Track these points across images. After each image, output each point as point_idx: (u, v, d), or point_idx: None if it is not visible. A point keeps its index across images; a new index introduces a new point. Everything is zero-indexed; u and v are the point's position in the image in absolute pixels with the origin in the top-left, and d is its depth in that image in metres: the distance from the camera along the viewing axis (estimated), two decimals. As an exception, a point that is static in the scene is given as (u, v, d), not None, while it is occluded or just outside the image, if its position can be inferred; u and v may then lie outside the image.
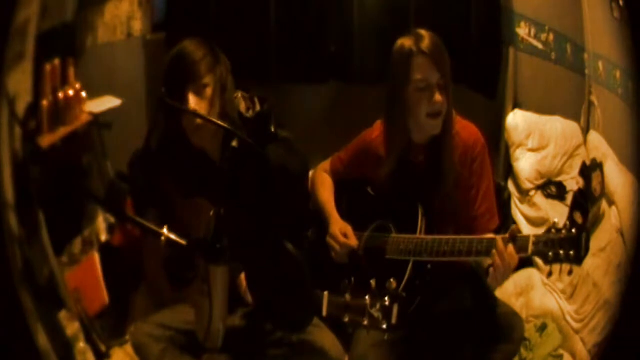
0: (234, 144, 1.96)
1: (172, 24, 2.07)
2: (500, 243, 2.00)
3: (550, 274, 2.00)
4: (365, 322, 1.95)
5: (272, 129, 2.00)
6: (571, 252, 1.97)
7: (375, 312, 1.94)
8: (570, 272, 1.98)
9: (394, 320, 1.94)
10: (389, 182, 2.09)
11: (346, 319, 1.97)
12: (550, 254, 1.98)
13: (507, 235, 2.01)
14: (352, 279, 2.02)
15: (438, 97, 2.01)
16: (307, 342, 2.03)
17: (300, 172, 2.08)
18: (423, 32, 2.01)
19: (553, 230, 1.98)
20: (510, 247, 1.99)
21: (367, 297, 1.95)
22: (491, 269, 2.02)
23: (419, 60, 2.01)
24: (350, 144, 2.11)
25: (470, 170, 2.10)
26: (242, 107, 1.99)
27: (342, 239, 2.10)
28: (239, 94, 2.00)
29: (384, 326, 1.94)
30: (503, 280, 2.06)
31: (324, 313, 1.98)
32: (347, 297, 1.98)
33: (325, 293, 1.98)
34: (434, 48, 2.00)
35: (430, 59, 2.00)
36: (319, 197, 2.14)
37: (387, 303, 1.94)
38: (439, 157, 2.07)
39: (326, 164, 2.15)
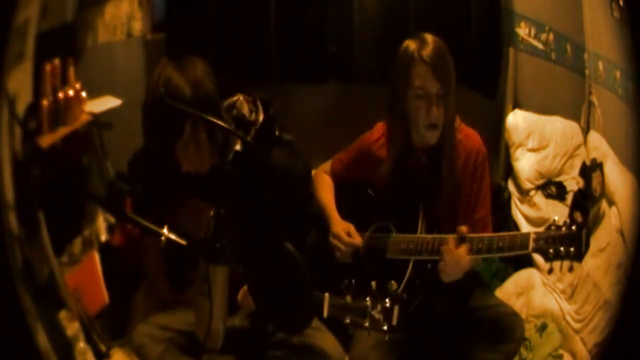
0: (237, 147, 1.96)
1: (172, 24, 2.07)
2: (450, 242, 2.01)
3: (550, 271, 2.00)
4: (366, 324, 1.95)
5: (277, 132, 2.00)
6: (572, 249, 1.97)
7: (376, 314, 1.95)
8: (570, 269, 1.98)
9: (394, 322, 1.94)
10: (390, 183, 2.09)
11: (347, 321, 1.97)
12: (551, 250, 1.98)
13: (456, 236, 2.02)
14: (353, 280, 2.02)
15: (435, 108, 2.01)
16: (307, 343, 2.03)
17: (303, 175, 2.08)
18: (429, 37, 2.00)
19: (553, 227, 1.99)
20: (463, 247, 2.01)
21: (367, 299, 1.95)
22: (441, 263, 2.03)
23: (419, 68, 2.01)
24: (350, 146, 2.11)
25: (472, 178, 2.10)
26: (245, 109, 1.99)
27: (346, 238, 2.10)
28: (241, 97, 1.99)
29: (385, 327, 1.94)
30: (452, 278, 2.06)
31: (325, 314, 1.98)
32: (348, 298, 1.98)
33: (326, 295, 1.98)
34: (435, 57, 2.00)
35: (431, 68, 2.00)
36: (319, 198, 2.14)
37: (387, 304, 1.94)
38: (440, 163, 2.07)
39: (326, 165, 2.15)
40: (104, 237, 2.05)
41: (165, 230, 1.89)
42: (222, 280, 1.91)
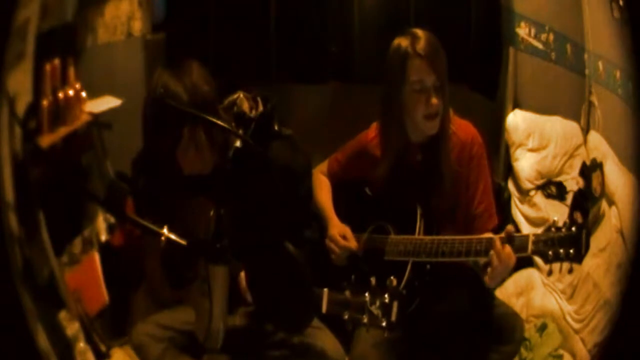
0: (237, 144, 1.96)
1: (172, 24, 2.07)
2: (497, 243, 1.99)
3: (550, 273, 2.00)
4: (365, 320, 1.95)
5: (276, 127, 2.00)
6: (571, 251, 1.96)
7: (375, 310, 1.94)
8: (570, 271, 1.98)
9: (393, 318, 1.94)
10: (387, 183, 2.09)
11: (346, 316, 1.97)
12: (550, 252, 1.97)
13: (503, 235, 2.00)
14: (352, 276, 2.02)
15: (434, 99, 2.01)
16: (307, 343, 2.03)
17: (304, 169, 2.08)
18: (419, 32, 2.01)
19: (553, 229, 1.98)
20: (507, 247, 1.99)
21: (366, 294, 1.95)
22: (489, 269, 2.01)
23: (414, 62, 2.01)
24: (346, 145, 2.12)
25: (468, 169, 2.09)
26: (245, 106, 1.99)
27: (341, 241, 2.10)
28: (241, 94, 2.00)
29: (384, 324, 1.94)
30: (500, 280, 2.06)
31: (324, 310, 1.98)
32: (347, 294, 1.97)
33: (325, 290, 1.98)
34: (430, 49, 2.00)
35: (426, 60, 2.00)
36: (316, 200, 2.14)
37: (386, 300, 1.94)
38: (437, 156, 2.07)
39: (323, 166, 2.15)
40: (104, 237, 2.05)
41: (165, 230, 1.89)
42: (222, 280, 1.91)
